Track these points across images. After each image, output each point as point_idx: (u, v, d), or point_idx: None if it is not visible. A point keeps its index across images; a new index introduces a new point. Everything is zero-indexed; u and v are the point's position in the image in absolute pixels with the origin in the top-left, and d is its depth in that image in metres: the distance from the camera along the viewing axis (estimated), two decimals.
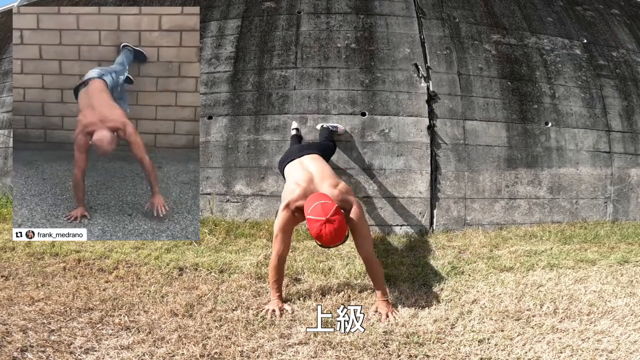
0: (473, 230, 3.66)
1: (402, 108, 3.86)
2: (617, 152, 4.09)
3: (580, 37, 4.47)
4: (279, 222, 2.25)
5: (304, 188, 2.29)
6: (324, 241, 2.02)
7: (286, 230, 2.25)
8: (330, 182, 2.34)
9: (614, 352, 1.67)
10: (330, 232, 1.98)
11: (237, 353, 1.66)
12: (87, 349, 1.67)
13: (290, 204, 2.25)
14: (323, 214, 1.99)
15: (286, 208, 2.25)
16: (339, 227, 2.00)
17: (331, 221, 1.98)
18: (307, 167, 2.51)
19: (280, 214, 2.26)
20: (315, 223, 2.00)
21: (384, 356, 1.68)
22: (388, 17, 4.19)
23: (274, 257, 2.23)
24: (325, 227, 1.97)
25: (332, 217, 1.99)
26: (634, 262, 2.80)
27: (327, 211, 2.00)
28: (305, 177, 2.39)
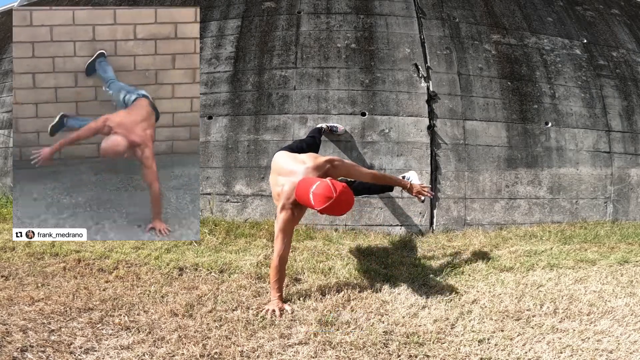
0: (473, 230, 3.66)
1: (402, 108, 3.86)
2: (617, 152, 4.09)
3: (580, 37, 4.47)
4: (278, 223, 2.26)
5: (288, 185, 2.27)
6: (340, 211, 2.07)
7: (286, 231, 2.25)
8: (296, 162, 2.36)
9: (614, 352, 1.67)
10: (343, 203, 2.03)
11: (237, 353, 1.66)
12: (87, 349, 1.67)
13: (284, 204, 2.25)
14: (330, 193, 1.99)
15: (283, 209, 2.25)
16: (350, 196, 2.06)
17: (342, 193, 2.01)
18: (277, 165, 2.52)
19: (279, 215, 2.27)
20: (327, 200, 1.99)
21: (384, 356, 1.68)
22: (388, 17, 4.20)
23: (275, 258, 2.23)
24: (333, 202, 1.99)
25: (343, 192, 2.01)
26: (634, 262, 2.80)
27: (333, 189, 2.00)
28: (278, 177, 2.40)
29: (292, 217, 2.27)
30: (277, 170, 2.49)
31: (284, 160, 2.48)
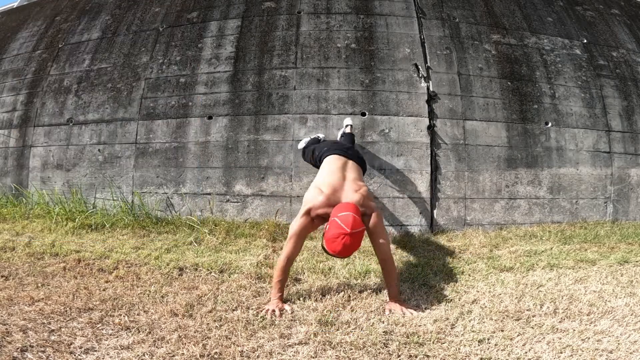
0: (473, 230, 3.66)
1: (402, 108, 3.86)
2: (617, 152, 4.09)
3: (580, 37, 4.47)
4: (295, 226, 2.25)
5: (328, 196, 2.28)
6: (334, 249, 2.05)
7: (301, 235, 2.26)
8: (354, 186, 2.36)
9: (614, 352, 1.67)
10: (344, 245, 2.01)
11: (237, 353, 1.66)
12: (87, 349, 1.66)
13: (311, 210, 2.25)
14: (350, 227, 2.01)
15: (306, 214, 2.25)
16: (354, 243, 2.04)
17: (352, 236, 2.01)
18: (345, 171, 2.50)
19: (298, 219, 2.26)
20: (337, 229, 2.03)
21: (384, 356, 1.68)
22: (388, 17, 4.20)
23: (282, 258, 2.24)
24: (344, 239, 2.01)
25: (355, 233, 2.02)
26: (634, 262, 2.79)
27: (355, 227, 2.03)
28: (334, 183, 2.37)
29: (310, 225, 2.28)
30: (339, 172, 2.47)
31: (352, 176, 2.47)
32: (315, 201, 2.27)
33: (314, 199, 2.29)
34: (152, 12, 4.65)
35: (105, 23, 4.77)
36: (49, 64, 4.73)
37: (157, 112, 4.09)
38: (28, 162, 4.46)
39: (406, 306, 2.15)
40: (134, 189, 3.99)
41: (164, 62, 4.25)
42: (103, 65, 4.46)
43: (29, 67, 4.86)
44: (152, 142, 4.04)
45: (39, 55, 4.89)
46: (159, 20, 4.54)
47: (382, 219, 2.38)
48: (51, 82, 4.60)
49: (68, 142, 4.31)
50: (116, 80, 4.32)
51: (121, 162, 4.10)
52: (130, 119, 4.14)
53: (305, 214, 2.25)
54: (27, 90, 4.70)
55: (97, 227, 3.56)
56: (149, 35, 4.47)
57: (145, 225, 3.56)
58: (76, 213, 3.76)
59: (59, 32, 4.98)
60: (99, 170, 4.15)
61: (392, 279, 2.24)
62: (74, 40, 4.78)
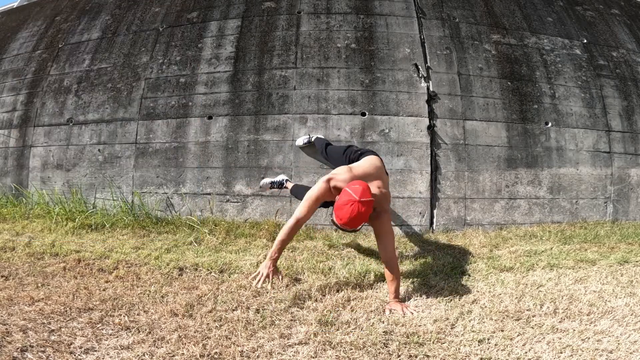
0: (473, 230, 3.66)
1: (402, 108, 3.86)
2: (617, 152, 4.09)
3: (580, 37, 4.47)
4: (314, 191, 2.31)
5: (353, 176, 2.34)
6: (341, 216, 2.10)
7: (317, 200, 2.31)
8: (380, 186, 2.41)
9: (614, 352, 1.67)
10: (351, 212, 2.07)
11: (237, 353, 1.66)
12: (87, 349, 1.66)
13: (332, 179, 2.32)
14: (359, 195, 2.09)
15: (327, 182, 2.31)
16: (361, 214, 2.08)
17: (361, 204, 2.07)
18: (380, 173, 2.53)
19: (319, 183, 2.32)
20: (347, 196, 2.11)
21: (384, 356, 1.68)
22: (388, 17, 4.19)
23: (293, 219, 2.27)
24: (352, 206, 2.07)
25: (364, 202, 2.08)
26: (634, 262, 2.79)
27: (364, 195, 2.10)
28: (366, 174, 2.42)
29: (328, 193, 2.31)
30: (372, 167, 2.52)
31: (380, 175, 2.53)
32: (341, 174, 2.34)
33: (340, 172, 2.37)
34: (152, 12, 4.65)
35: (105, 23, 4.77)
36: (49, 64, 4.73)
37: (157, 112, 4.09)
38: (28, 162, 4.46)
39: (407, 307, 2.16)
40: (134, 189, 3.99)
41: (164, 62, 4.25)
42: (103, 65, 4.46)
43: (29, 67, 4.86)
44: (152, 142, 4.04)
45: (39, 55, 4.89)
46: (159, 20, 4.54)
47: (391, 221, 2.44)
48: (51, 82, 4.60)
49: (68, 142, 4.31)
50: (116, 80, 4.32)
51: (121, 162, 4.10)
52: (130, 119, 4.14)
53: (326, 181, 2.31)
54: (27, 90, 4.70)
55: (97, 227, 3.55)
56: (149, 35, 4.46)
57: (145, 225, 3.56)
58: (76, 213, 3.75)
59: (59, 32, 4.98)
60: (99, 170, 4.15)
61: (395, 280, 2.25)
62: (74, 40, 4.78)
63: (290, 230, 2.27)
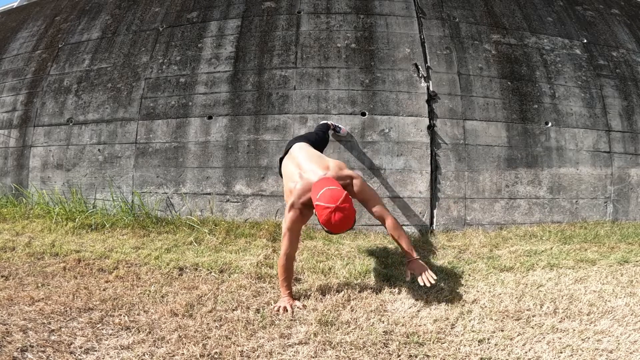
0: (473, 230, 3.65)
1: (402, 108, 3.85)
2: (617, 152, 4.09)
3: (580, 37, 4.47)
4: (286, 222, 2.24)
5: (302, 184, 2.27)
6: (333, 228, 2.02)
7: (294, 230, 2.24)
8: (319, 165, 2.34)
9: (614, 352, 1.67)
10: (340, 219, 1.98)
11: (237, 353, 1.66)
12: (87, 349, 1.66)
13: (294, 203, 2.23)
14: (332, 201, 1.98)
15: (291, 207, 2.23)
16: (348, 214, 2.00)
17: (341, 209, 1.97)
18: (296, 159, 2.50)
19: (286, 215, 2.25)
20: (325, 210, 1.98)
21: (384, 356, 1.68)
22: (388, 17, 4.19)
23: (282, 256, 2.23)
24: (335, 215, 1.97)
25: (341, 204, 1.98)
26: (634, 262, 2.79)
27: (337, 198, 1.99)
28: (297, 171, 2.38)
29: (300, 218, 2.24)
30: (295, 163, 2.45)
31: (307, 156, 2.45)
32: (293, 193, 2.26)
33: (291, 192, 2.29)
34: (152, 12, 4.65)
35: (105, 23, 4.77)
36: (49, 64, 4.73)
37: (157, 112, 4.09)
38: (28, 162, 4.46)
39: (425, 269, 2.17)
40: (134, 188, 3.99)
41: (164, 62, 4.25)
42: (103, 65, 4.46)
43: (29, 67, 4.86)
44: (152, 142, 4.04)
45: (38, 55, 4.89)
46: (159, 20, 4.54)
47: (365, 182, 2.34)
48: (51, 82, 4.60)
49: (68, 142, 4.31)
50: (116, 80, 4.32)
51: (121, 162, 4.09)
52: (130, 118, 4.14)
53: (290, 207, 2.23)
54: (27, 90, 4.70)
55: (97, 227, 3.55)
56: (149, 35, 4.46)
57: (145, 225, 3.56)
58: (76, 213, 3.76)
59: (58, 32, 4.98)
60: (99, 170, 4.15)
61: (402, 237, 2.22)
62: (74, 40, 4.78)
63: (285, 268, 2.22)
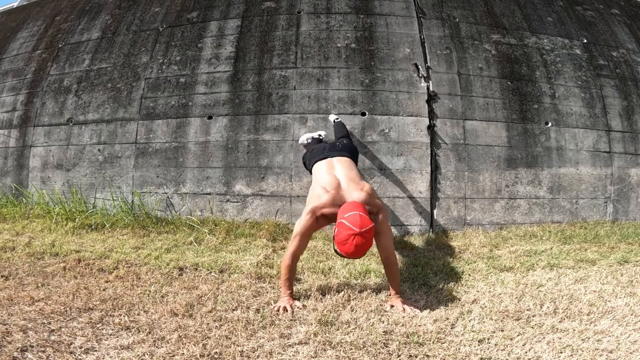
0: (473, 230, 3.65)
1: (402, 108, 3.85)
2: (617, 152, 4.09)
3: (580, 37, 4.47)
4: (300, 226, 2.24)
5: (333, 195, 2.27)
6: (346, 250, 2.02)
7: (306, 235, 2.25)
8: (356, 186, 2.35)
9: (614, 352, 1.67)
10: (356, 246, 1.99)
11: (237, 353, 1.66)
12: (87, 349, 1.66)
13: (315, 210, 2.24)
14: (358, 226, 1.99)
15: (311, 213, 2.24)
16: (366, 243, 2.02)
17: (363, 235, 1.98)
18: (336, 170, 2.49)
19: (303, 218, 2.25)
20: (347, 230, 2.00)
21: (384, 356, 1.68)
22: (388, 17, 4.19)
23: (287, 257, 2.24)
24: (355, 239, 1.98)
25: (365, 232, 1.99)
26: (634, 262, 2.79)
27: (364, 225, 2.00)
28: (334, 183, 2.37)
29: (315, 225, 2.26)
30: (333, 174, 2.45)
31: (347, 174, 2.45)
32: (320, 200, 2.27)
33: (319, 198, 2.29)
34: (152, 12, 4.65)
35: (105, 23, 4.77)
36: (49, 63, 4.73)
37: (157, 112, 4.09)
38: (28, 162, 4.46)
39: (407, 303, 2.16)
40: (134, 188, 3.99)
41: (164, 62, 4.25)
42: (103, 65, 4.46)
43: (29, 67, 4.86)
44: (152, 142, 4.04)
45: (38, 55, 4.89)
46: (159, 20, 4.54)
47: (388, 216, 2.39)
48: (51, 82, 4.60)
49: (68, 142, 4.31)
50: (116, 80, 4.32)
51: (121, 162, 4.09)
52: (130, 118, 4.14)
53: (309, 212, 2.24)
54: (27, 90, 4.70)
55: (97, 227, 3.55)
56: (149, 35, 4.46)
57: (145, 225, 3.56)
58: (76, 213, 3.75)
59: (58, 32, 4.98)
60: (99, 170, 4.15)
61: (395, 276, 2.25)
62: (74, 40, 4.78)
63: (289, 268, 2.23)
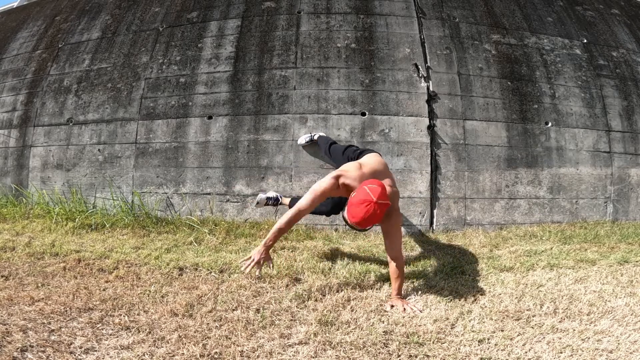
0: (473, 230, 3.66)
1: (402, 108, 3.85)
2: (617, 152, 4.09)
3: (580, 37, 4.47)
4: (321, 185, 2.26)
5: (363, 174, 2.32)
6: (355, 214, 2.06)
7: (322, 194, 2.27)
8: (389, 182, 2.41)
9: (614, 352, 1.67)
10: (367, 212, 2.03)
11: (237, 353, 1.66)
12: (87, 349, 1.66)
13: (341, 176, 2.28)
14: (377, 196, 2.04)
15: (336, 178, 2.27)
16: (375, 215, 2.05)
17: (377, 205, 2.03)
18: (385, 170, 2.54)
19: (327, 178, 2.27)
20: (365, 195, 2.06)
21: (384, 356, 1.68)
22: (388, 17, 4.19)
23: (294, 209, 2.25)
24: (368, 206, 2.03)
25: (380, 203, 2.05)
26: (634, 262, 2.79)
27: (382, 197, 2.06)
28: (375, 172, 2.40)
29: (334, 190, 2.28)
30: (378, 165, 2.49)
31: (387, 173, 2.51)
32: (350, 171, 2.31)
33: (350, 169, 2.33)
34: (152, 12, 4.65)
35: (105, 23, 4.77)
36: (49, 63, 4.73)
37: (157, 112, 4.09)
38: (28, 162, 4.46)
39: (408, 304, 2.17)
40: (134, 188, 3.99)
41: (164, 62, 4.25)
42: (103, 65, 4.46)
43: (29, 67, 4.86)
44: (152, 142, 4.04)
45: (38, 55, 4.89)
46: (159, 20, 4.54)
47: (401, 219, 2.45)
48: (51, 82, 4.60)
49: (68, 142, 4.31)
50: (116, 80, 4.32)
51: (121, 162, 4.09)
52: (130, 118, 4.14)
53: (335, 177, 2.27)
54: (27, 90, 4.70)
55: (97, 227, 3.55)
56: (149, 35, 4.46)
57: (145, 225, 3.56)
58: (76, 213, 3.75)
59: (58, 32, 4.98)
60: (99, 170, 4.15)
61: (399, 278, 2.26)
62: (74, 40, 4.78)
63: (290, 220, 2.25)
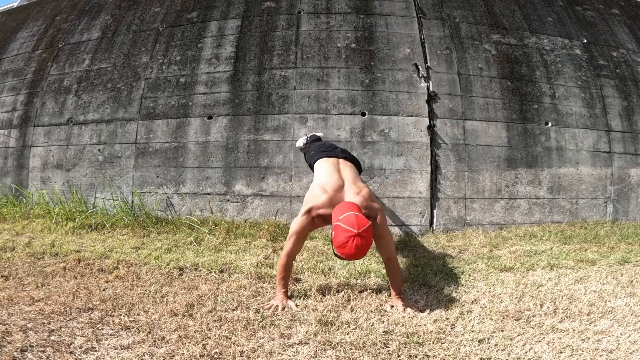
0: (473, 230, 3.65)
1: (402, 108, 3.85)
2: (617, 152, 4.09)
3: (580, 37, 4.47)
4: (296, 225, 2.23)
5: (330, 196, 2.25)
6: (347, 253, 1.96)
7: (302, 234, 2.24)
8: (355, 189, 2.31)
9: (614, 352, 1.67)
10: (356, 247, 1.92)
11: (237, 353, 1.66)
12: (87, 349, 1.66)
13: (312, 209, 2.22)
14: (356, 227, 1.93)
15: (307, 213, 2.22)
16: (366, 244, 1.95)
17: (362, 236, 1.92)
18: (341, 172, 2.47)
19: (299, 218, 2.24)
20: (345, 233, 1.93)
21: (384, 356, 1.68)
22: (388, 17, 4.19)
23: (283, 256, 2.24)
24: (354, 241, 1.91)
25: (363, 232, 1.93)
26: (634, 262, 2.79)
27: (361, 225, 1.94)
28: (335, 184, 2.33)
29: (311, 225, 2.25)
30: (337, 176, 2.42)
31: (350, 175, 2.43)
32: (317, 200, 2.25)
33: (316, 198, 2.26)
34: (152, 12, 4.65)
35: (105, 23, 4.77)
36: (49, 63, 4.73)
37: (157, 112, 4.09)
38: (28, 162, 4.46)
39: (407, 304, 2.16)
40: (134, 188, 3.99)
41: (164, 62, 4.25)
42: (103, 65, 4.46)
43: (29, 67, 4.86)
44: (152, 142, 4.04)
45: (38, 55, 4.89)
46: (159, 20, 4.54)
47: (386, 218, 2.38)
48: (51, 82, 4.60)
49: (68, 142, 4.31)
50: (116, 80, 4.32)
51: (121, 162, 4.09)
52: (130, 119, 4.14)
53: (306, 212, 2.22)
54: (27, 90, 4.70)
55: (97, 227, 3.55)
56: (149, 35, 4.46)
57: (145, 225, 3.56)
58: (76, 213, 3.75)
59: (58, 32, 4.98)
60: (99, 170, 4.15)
61: (396, 277, 2.25)
62: (74, 40, 4.78)
63: (284, 267, 2.22)
